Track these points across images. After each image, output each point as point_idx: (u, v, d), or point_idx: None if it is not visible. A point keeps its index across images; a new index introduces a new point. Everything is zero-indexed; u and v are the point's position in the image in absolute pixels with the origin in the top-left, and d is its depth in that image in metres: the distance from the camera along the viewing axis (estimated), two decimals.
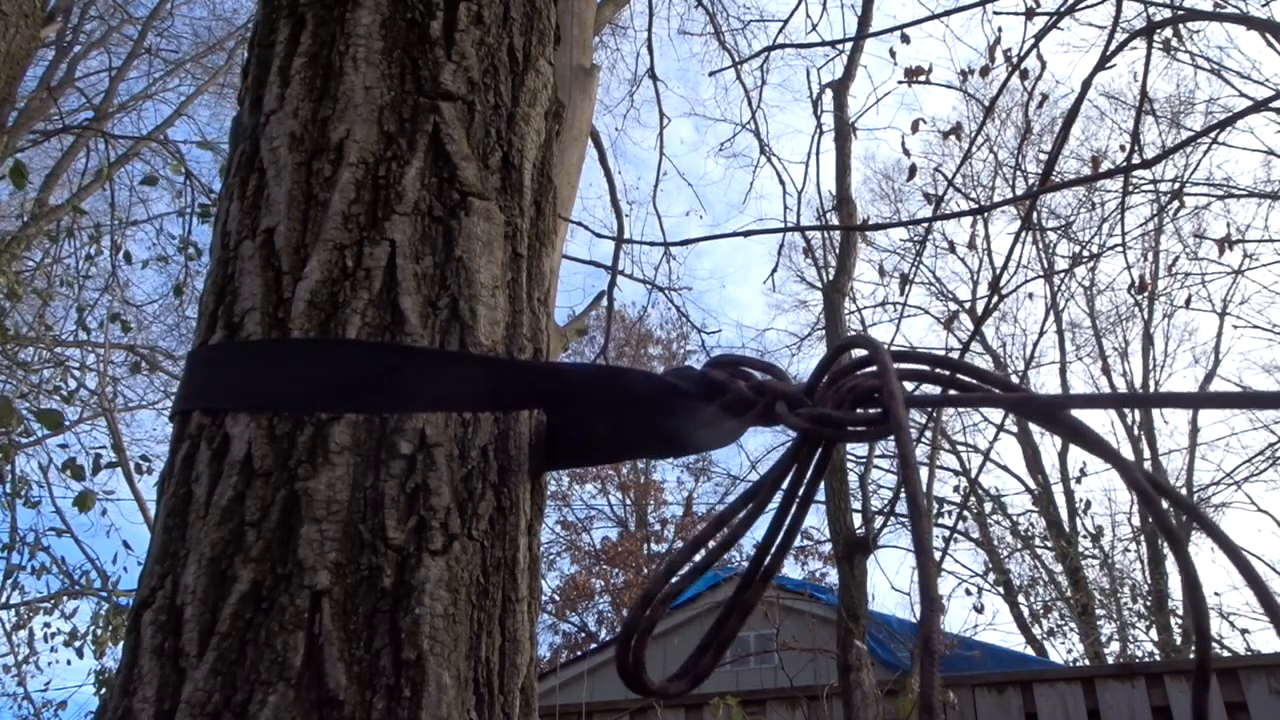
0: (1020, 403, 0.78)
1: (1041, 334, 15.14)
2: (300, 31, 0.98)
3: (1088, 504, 14.23)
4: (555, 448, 0.94)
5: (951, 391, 0.82)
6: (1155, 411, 16.01)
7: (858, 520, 6.11)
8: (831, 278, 6.99)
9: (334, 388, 0.81)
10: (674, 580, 0.79)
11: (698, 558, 0.81)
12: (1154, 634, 13.06)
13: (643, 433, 0.93)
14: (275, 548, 0.76)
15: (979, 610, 11.00)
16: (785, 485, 0.84)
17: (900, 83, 6.14)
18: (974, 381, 0.82)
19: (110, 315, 7.02)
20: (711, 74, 12.76)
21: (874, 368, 0.80)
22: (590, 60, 5.69)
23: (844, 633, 4.99)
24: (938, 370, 0.84)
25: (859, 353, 0.83)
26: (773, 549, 0.86)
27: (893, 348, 0.81)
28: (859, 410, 0.80)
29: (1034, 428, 16.26)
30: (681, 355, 21.26)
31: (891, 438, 0.76)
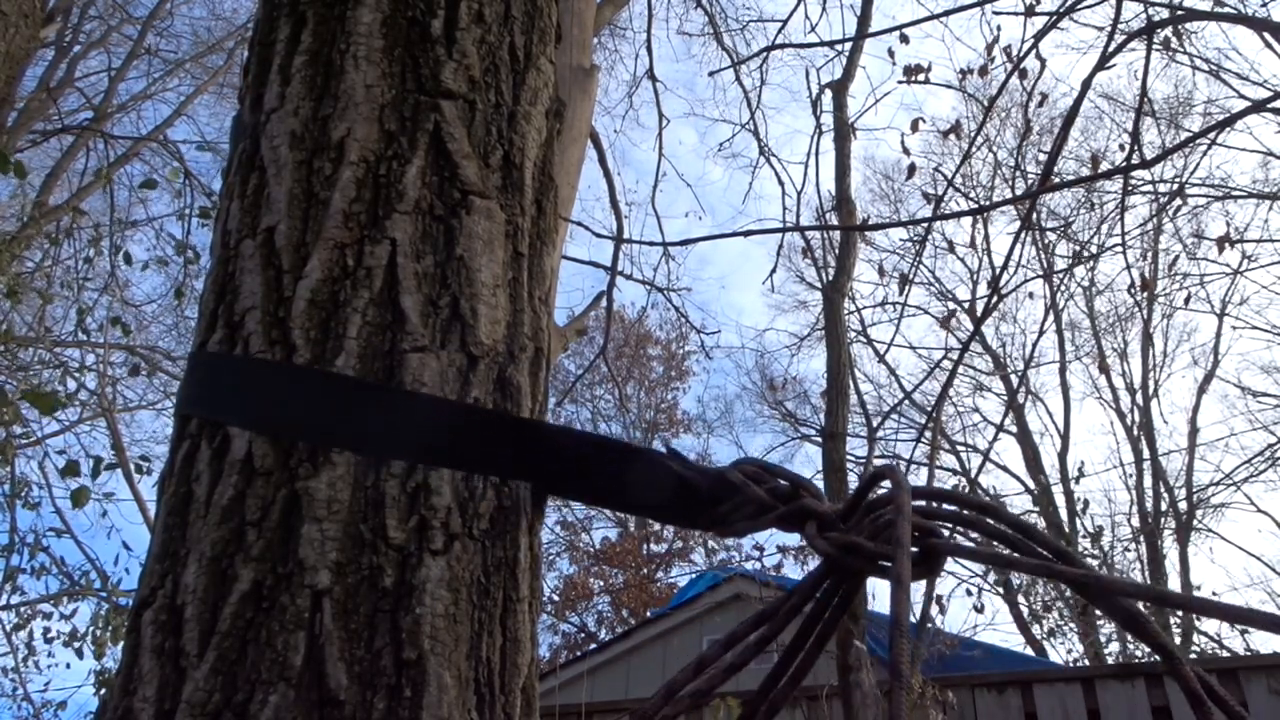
0: (1081, 581, 0.70)
1: (1041, 334, 15.12)
2: (301, 30, 0.98)
3: (1086, 504, 14.22)
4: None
5: (1003, 550, 0.75)
6: (1155, 412, 16.03)
7: None
8: (831, 278, 6.99)
9: (330, 421, 0.80)
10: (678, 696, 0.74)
11: (701, 680, 0.75)
12: None
13: (633, 505, 0.87)
14: (276, 547, 0.76)
15: (979, 610, 10.97)
16: (806, 612, 0.79)
17: (900, 82, 6.15)
18: (1019, 536, 0.75)
19: (111, 319, 7.01)
20: (711, 74, 12.74)
21: (922, 502, 0.76)
22: (590, 60, 5.69)
23: (843, 633, 4.98)
24: (971, 515, 0.78)
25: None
26: (780, 682, 0.80)
27: (930, 487, 0.75)
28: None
29: (1033, 428, 16.28)
30: (680, 355, 21.25)
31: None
